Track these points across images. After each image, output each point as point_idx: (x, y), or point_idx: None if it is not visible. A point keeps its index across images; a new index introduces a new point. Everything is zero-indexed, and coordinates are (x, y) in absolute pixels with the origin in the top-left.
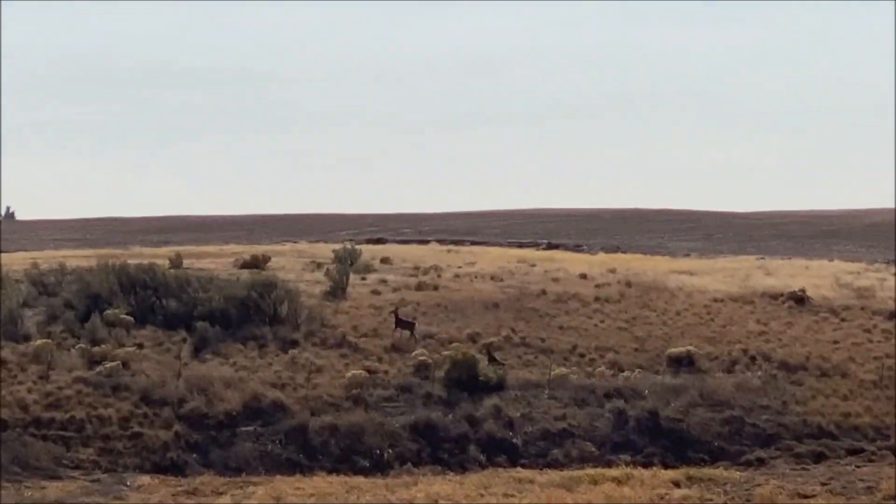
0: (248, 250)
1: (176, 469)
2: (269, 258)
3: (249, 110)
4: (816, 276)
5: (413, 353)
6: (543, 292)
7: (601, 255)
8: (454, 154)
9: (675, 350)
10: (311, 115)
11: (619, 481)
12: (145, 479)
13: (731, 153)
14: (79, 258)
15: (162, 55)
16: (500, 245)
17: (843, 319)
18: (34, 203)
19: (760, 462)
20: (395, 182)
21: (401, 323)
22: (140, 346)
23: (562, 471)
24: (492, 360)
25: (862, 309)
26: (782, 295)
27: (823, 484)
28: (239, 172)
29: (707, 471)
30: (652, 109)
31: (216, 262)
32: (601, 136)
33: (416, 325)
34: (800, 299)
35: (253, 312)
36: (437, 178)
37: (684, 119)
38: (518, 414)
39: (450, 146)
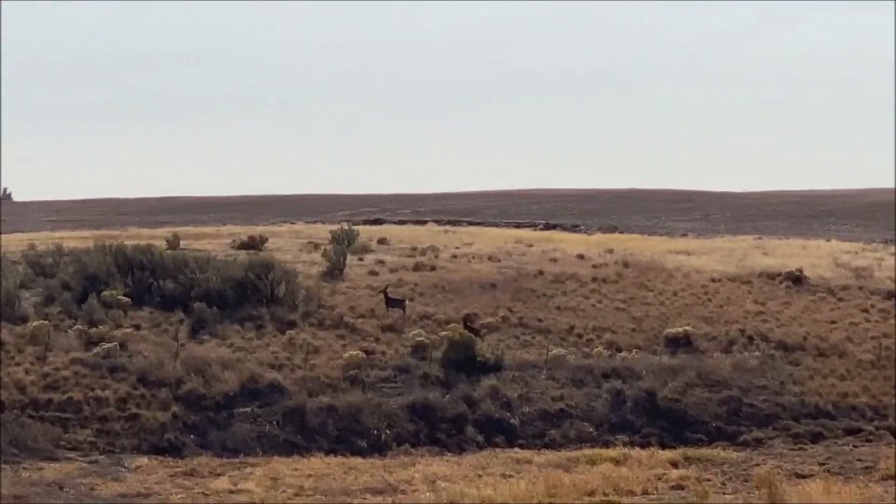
0: (245, 231)
1: (173, 450)
2: (267, 239)
3: (246, 89)
4: (814, 255)
5: (410, 334)
6: (541, 273)
7: (598, 236)
8: (451, 134)
9: (672, 330)
10: (306, 95)
11: (616, 461)
12: (143, 460)
13: (728, 132)
14: (76, 239)
15: (156, 34)
16: (498, 225)
17: (840, 299)
18: (31, 184)
19: (758, 442)
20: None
21: (391, 302)
22: (137, 327)
23: (559, 451)
24: (470, 331)
25: (860, 289)
26: (780, 275)
27: (821, 464)
28: (236, 153)
29: (704, 451)
30: (649, 88)
31: (213, 242)
32: (598, 115)
33: (407, 303)
34: (797, 279)
35: (250, 293)
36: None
37: (681, 98)
38: (515, 394)
39: (447, 126)
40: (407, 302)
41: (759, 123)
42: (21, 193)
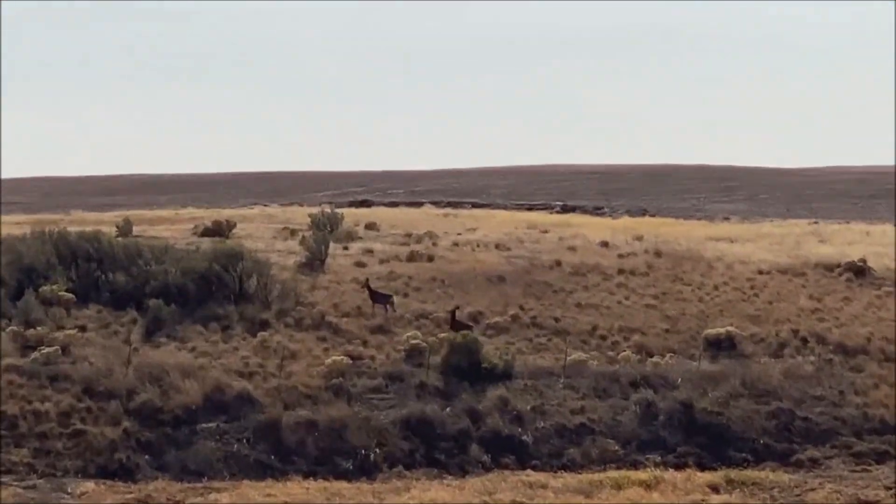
0: (209, 215)
1: (125, 473)
2: (235, 224)
3: (210, 52)
4: (879, 242)
5: (404, 336)
6: (557, 263)
7: (625, 220)
8: (452, 100)
9: (712, 331)
10: (284, 57)
11: (647, 486)
12: (89, 485)
13: (778, 100)
14: (9, 225)
15: None
16: (507, 208)
17: None
18: None
19: (814, 462)
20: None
21: (375, 296)
22: (82, 328)
23: (579, 473)
24: (457, 325)
25: None
26: (839, 265)
27: (888, 488)
28: (200, 123)
29: (751, 473)
30: (687, 49)
31: (172, 228)
32: (625, 79)
33: (394, 298)
34: (860, 271)
35: (215, 288)
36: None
37: (724, 62)
38: (528, 407)
39: (447, 91)
40: (394, 298)
41: (813, 91)
42: None
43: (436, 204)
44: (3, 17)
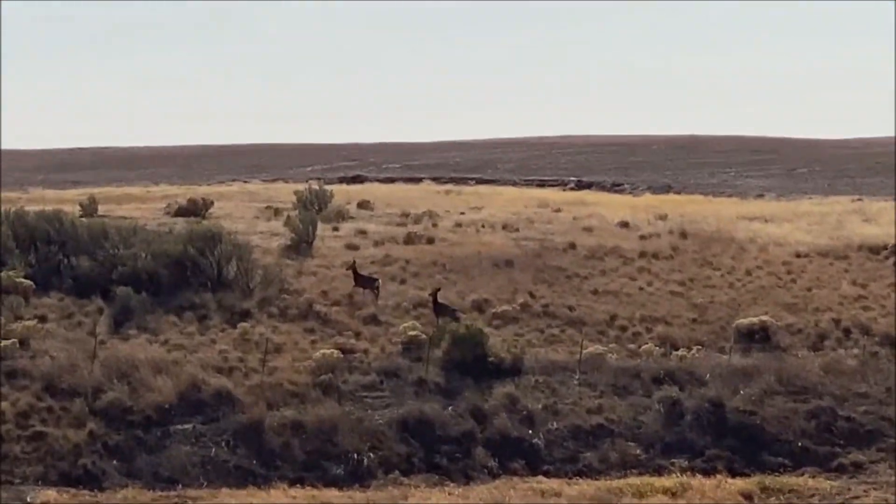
0: (183, 192)
1: (90, 480)
2: (212, 203)
3: (183, 12)
4: None
5: (401, 327)
6: (572, 246)
7: (647, 197)
8: (454, 65)
9: (745, 321)
10: (265, 16)
11: (672, 493)
12: (50, 493)
13: (816, 62)
14: None
15: None
16: (515, 184)
17: None
18: None
19: (857, 467)
20: (377, 102)
21: (359, 279)
22: (42, 318)
23: (597, 480)
24: (440, 309)
25: None
26: (885, 248)
27: None
28: (172, 91)
29: (788, 479)
30: (713, 7)
31: (142, 208)
32: (645, 40)
33: (379, 282)
34: None
35: (190, 274)
36: (432, 96)
37: (754, 20)
38: (539, 406)
39: (448, 54)
40: (380, 281)
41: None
42: None
43: (436, 180)
44: None
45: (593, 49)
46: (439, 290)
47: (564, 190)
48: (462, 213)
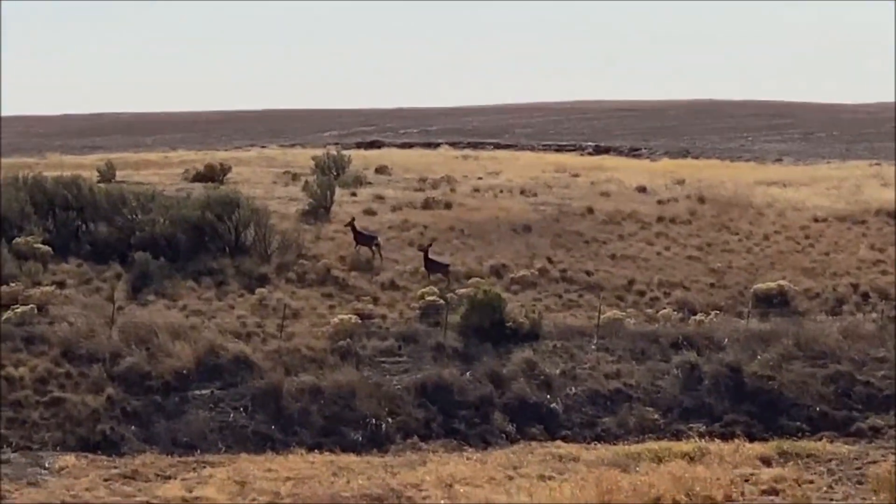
0: (201, 158)
1: (109, 446)
2: (230, 168)
3: None
4: None
5: (419, 292)
6: (590, 211)
7: (665, 162)
8: (471, 30)
9: (763, 286)
10: None
11: (690, 458)
12: (69, 458)
13: (834, 26)
14: None
15: None
16: (533, 149)
17: None
18: None
19: (876, 432)
20: (395, 67)
21: (359, 237)
22: (61, 284)
23: (615, 445)
24: (431, 266)
25: None
26: None
27: None
28: (191, 56)
29: (805, 444)
30: None
31: (160, 173)
32: (664, 4)
33: (379, 239)
34: None
35: (208, 240)
36: (449, 61)
37: None
38: (557, 371)
39: (465, 19)
40: (380, 239)
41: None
42: None
43: (454, 145)
44: None
45: (611, 13)
46: (430, 245)
47: (582, 155)
48: (480, 178)
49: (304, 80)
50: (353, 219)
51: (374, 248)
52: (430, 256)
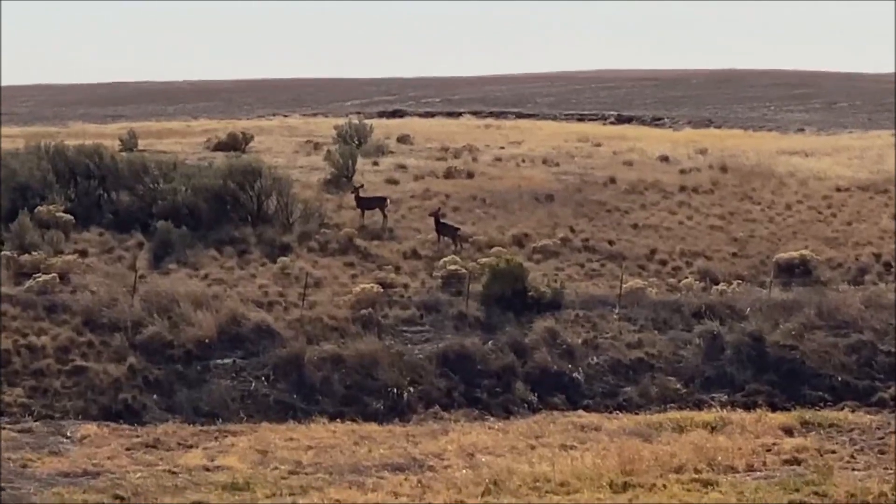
0: (223, 127)
1: (131, 415)
2: (252, 137)
3: None
4: None
5: (441, 261)
6: (612, 180)
7: (687, 132)
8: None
9: (785, 255)
10: None
11: (712, 428)
12: (91, 427)
13: None
14: (2, 138)
15: None
16: (555, 119)
17: None
18: None
19: None
20: (416, 37)
21: (362, 202)
22: (83, 253)
23: (637, 414)
24: (442, 229)
25: None
26: None
27: None
28: (212, 25)
29: (828, 413)
30: None
31: (182, 142)
32: None
33: (388, 202)
34: None
35: (230, 208)
36: (471, 31)
37: None
38: (579, 340)
39: None
40: (388, 200)
41: None
42: None
43: (476, 114)
44: None
45: None
46: (440, 210)
47: (604, 124)
48: (502, 148)
49: (327, 48)
50: (357, 186)
51: (382, 209)
52: (441, 220)
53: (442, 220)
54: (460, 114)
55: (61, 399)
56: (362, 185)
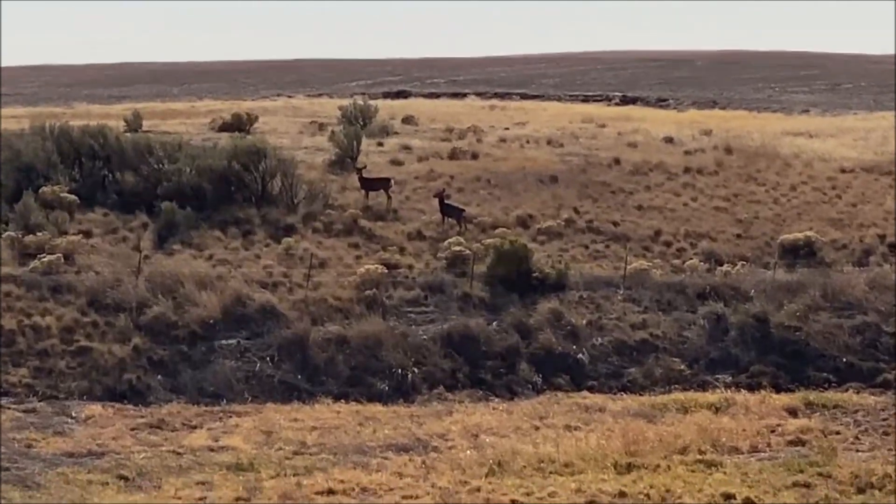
0: (228, 107)
1: (135, 395)
2: (257, 118)
3: None
4: None
5: (446, 242)
6: (616, 161)
7: (692, 113)
8: None
9: (789, 237)
10: None
11: (716, 409)
12: (95, 408)
13: None
14: (6, 119)
15: None
16: (560, 100)
17: None
18: None
19: None
20: (421, 17)
21: (366, 183)
22: (87, 233)
23: (641, 395)
24: (447, 210)
25: None
26: None
27: None
28: (218, 6)
29: (832, 395)
30: None
31: (187, 123)
32: None
33: (392, 182)
34: None
35: (235, 189)
36: (477, 11)
37: None
38: (584, 321)
39: None
40: (393, 182)
41: None
42: None
43: (480, 95)
44: None
45: None
46: (444, 191)
47: (609, 105)
48: (506, 129)
49: (331, 29)
50: (360, 167)
51: (386, 190)
52: (446, 201)
53: (446, 201)
54: (465, 95)
55: (66, 379)
56: (366, 166)
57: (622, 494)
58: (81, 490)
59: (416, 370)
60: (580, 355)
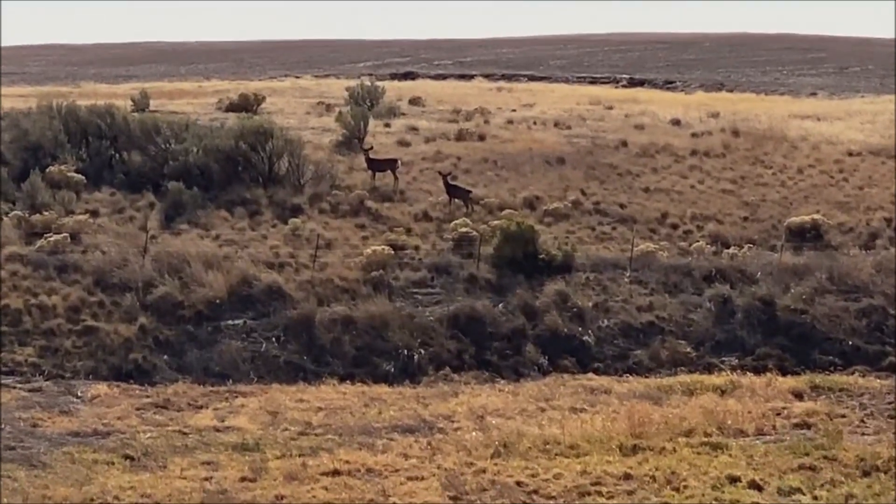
0: (235, 87)
1: (141, 375)
2: (264, 98)
3: None
4: None
5: (452, 224)
6: (623, 144)
7: (699, 95)
8: None
9: (796, 219)
10: None
11: (722, 391)
12: (101, 387)
13: None
14: (13, 98)
15: None
16: (567, 81)
17: None
18: None
19: None
20: None
21: (373, 164)
22: (94, 213)
23: (647, 377)
24: (452, 191)
25: None
26: None
27: None
28: None
29: (838, 378)
30: None
31: (194, 103)
32: None
33: (399, 163)
34: None
35: (242, 169)
36: None
37: None
38: (590, 303)
39: None
40: (400, 163)
41: None
42: None
43: (488, 77)
44: None
45: None
46: (450, 173)
47: (616, 87)
48: (513, 111)
49: (339, 10)
50: (371, 147)
51: (393, 171)
52: (452, 183)
53: (453, 183)
54: (472, 76)
55: (72, 359)
56: (373, 147)
57: (627, 476)
58: (87, 469)
59: (422, 351)
60: (586, 337)
